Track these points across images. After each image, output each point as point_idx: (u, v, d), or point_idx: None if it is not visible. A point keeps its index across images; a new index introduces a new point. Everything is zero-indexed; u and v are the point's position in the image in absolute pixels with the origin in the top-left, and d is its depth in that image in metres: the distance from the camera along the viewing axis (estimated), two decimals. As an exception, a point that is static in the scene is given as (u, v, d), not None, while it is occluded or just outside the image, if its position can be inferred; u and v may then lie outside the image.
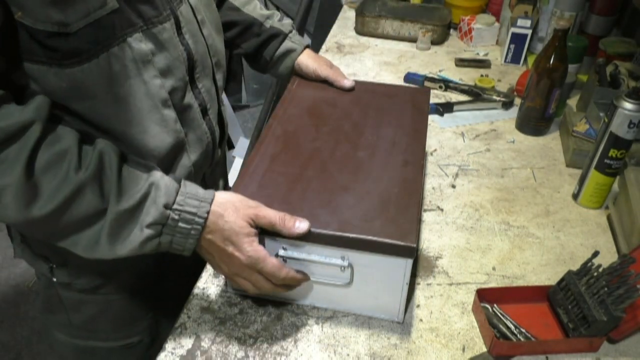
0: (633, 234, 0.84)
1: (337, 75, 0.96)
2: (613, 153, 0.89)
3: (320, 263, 0.69)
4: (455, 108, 1.26)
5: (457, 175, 1.05)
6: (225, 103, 0.93)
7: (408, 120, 0.87)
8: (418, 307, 0.77)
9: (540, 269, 0.84)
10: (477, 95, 1.29)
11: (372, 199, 0.71)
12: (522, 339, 0.72)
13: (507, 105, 1.26)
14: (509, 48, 1.46)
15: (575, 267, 0.75)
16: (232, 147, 2.40)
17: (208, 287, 0.79)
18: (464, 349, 0.72)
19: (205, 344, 0.71)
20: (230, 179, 1.03)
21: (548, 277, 0.83)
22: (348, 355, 0.70)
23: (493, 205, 0.97)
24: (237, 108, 2.75)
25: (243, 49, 0.98)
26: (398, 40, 1.61)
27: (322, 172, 0.75)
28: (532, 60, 1.30)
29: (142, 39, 0.64)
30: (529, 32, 1.41)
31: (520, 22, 1.41)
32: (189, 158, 0.77)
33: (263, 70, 1.02)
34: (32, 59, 0.58)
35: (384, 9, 1.71)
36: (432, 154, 1.11)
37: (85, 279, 0.80)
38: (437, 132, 1.18)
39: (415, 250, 0.65)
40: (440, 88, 1.34)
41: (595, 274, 0.72)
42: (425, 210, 0.95)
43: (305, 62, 0.98)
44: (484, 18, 1.57)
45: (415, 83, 1.36)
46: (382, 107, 0.91)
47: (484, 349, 0.72)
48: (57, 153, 0.57)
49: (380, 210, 0.69)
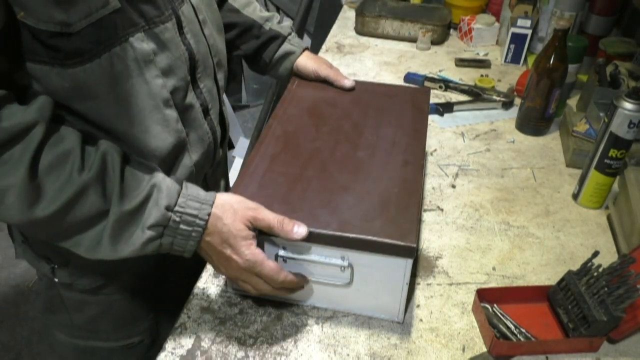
0: (633, 234, 0.84)
1: (337, 75, 0.96)
2: (613, 153, 0.89)
3: (320, 263, 0.69)
4: (455, 108, 1.26)
5: (457, 175, 1.05)
6: (226, 103, 0.93)
7: (408, 120, 0.87)
8: (418, 307, 0.77)
9: (540, 269, 0.84)
10: (477, 95, 1.29)
11: (372, 199, 0.71)
12: (522, 339, 0.72)
13: (507, 105, 1.26)
14: (509, 48, 1.46)
15: (575, 267, 0.75)
16: (232, 147, 2.40)
17: (208, 287, 0.79)
18: (464, 349, 0.72)
19: (205, 344, 0.71)
20: (231, 179, 1.03)
21: (548, 277, 0.83)
22: (348, 355, 0.70)
23: (493, 205, 0.97)
24: (237, 108, 2.75)
25: (242, 51, 0.99)
26: (398, 40, 1.61)
27: (322, 172, 0.75)
28: (532, 60, 1.30)
29: (144, 39, 0.64)
30: (529, 32, 1.41)
31: (520, 22, 1.41)
32: (191, 158, 0.77)
33: (262, 72, 1.03)
34: (34, 59, 0.58)
35: (384, 9, 1.71)
36: (432, 154, 1.11)
37: (87, 280, 0.80)
38: (437, 132, 1.18)
39: (415, 250, 0.65)
40: (440, 88, 1.34)
41: (595, 274, 0.72)
42: (425, 210, 0.95)
43: (305, 63, 0.98)
44: (484, 18, 1.57)
45: (415, 83, 1.36)
46: (382, 107, 0.91)
47: (484, 349, 0.72)
48: (60, 154, 0.57)
49: (380, 210, 0.69)
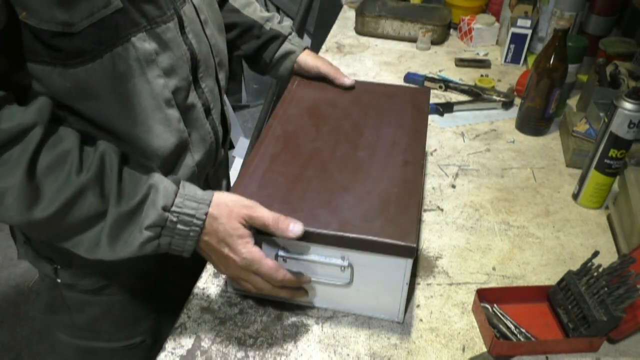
0: (633, 234, 0.84)
1: (337, 73, 0.96)
2: (613, 153, 0.89)
3: (320, 263, 0.69)
4: (455, 108, 1.26)
5: (457, 175, 1.05)
6: (227, 103, 0.93)
7: (408, 120, 0.87)
8: (418, 307, 0.77)
9: (540, 269, 0.84)
10: (477, 95, 1.29)
11: (372, 199, 0.71)
12: (522, 339, 0.72)
13: (507, 105, 1.26)
14: (509, 48, 1.46)
15: (575, 267, 0.75)
16: (232, 147, 2.40)
17: (208, 287, 0.79)
18: (464, 349, 0.72)
19: (205, 344, 0.71)
20: (231, 179, 1.03)
21: (548, 277, 0.83)
22: (348, 355, 0.70)
23: (493, 205, 0.97)
24: (237, 108, 2.75)
25: (243, 51, 0.99)
26: (398, 40, 1.61)
27: (322, 172, 0.75)
28: (532, 60, 1.30)
29: (145, 39, 0.64)
30: (529, 32, 1.41)
31: (520, 22, 1.41)
32: (193, 158, 0.77)
33: (262, 72, 1.03)
34: (36, 60, 0.58)
35: (384, 9, 1.71)
36: (432, 154, 1.11)
37: (89, 280, 0.80)
38: (437, 132, 1.18)
39: (415, 250, 0.65)
40: (440, 88, 1.34)
41: (595, 274, 0.72)
42: (425, 210, 0.95)
43: (305, 59, 0.98)
44: (484, 18, 1.57)
45: (415, 83, 1.36)
46: (382, 107, 0.91)
47: (484, 349, 0.72)
48: (58, 155, 0.57)
49: (380, 210, 0.69)
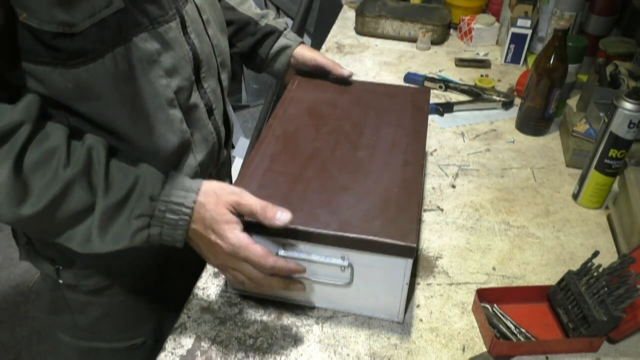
0: (633, 234, 0.84)
1: (335, 65, 0.96)
2: (613, 153, 0.89)
3: (320, 263, 0.69)
4: (455, 108, 1.26)
5: (457, 175, 1.05)
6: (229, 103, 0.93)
7: (408, 120, 0.87)
8: (418, 307, 0.77)
9: (540, 269, 0.84)
10: (477, 95, 1.29)
11: (372, 199, 0.71)
12: (522, 339, 0.72)
13: (507, 105, 1.26)
14: (509, 48, 1.46)
15: (575, 267, 0.75)
16: (232, 147, 2.40)
17: (208, 287, 0.79)
18: (464, 349, 0.72)
19: (205, 344, 0.71)
20: (232, 180, 1.03)
21: (548, 277, 0.83)
22: (348, 355, 0.70)
23: (493, 205, 0.97)
24: (237, 108, 2.75)
25: (238, 48, 0.98)
26: (398, 40, 1.61)
27: (322, 172, 0.75)
28: (532, 60, 1.30)
29: (147, 39, 0.63)
30: (529, 32, 1.41)
31: (520, 22, 1.41)
32: (195, 158, 0.77)
33: (259, 70, 1.02)
34: (36, 60, 0.58)
35: (384, 9, 1.71)
36: (432, 154, 1.11)
37: (91, 281, 0.80)
38: (437, 132, 1.18)
39: (415, 250, 0.65)
40: (440, 88, 1.34)
41: (595, 274, 0.72)
42: (425, 210, 0.95)
43: (302, 52, 0.98)
44: (484, 18, 1.57)
45: (415, 83, 1.36)
46: (382, 107, 0.91)
47: (484, 349, 0.72)
48: (45, 151, 0.57)
49: (380, 210, 0.69)
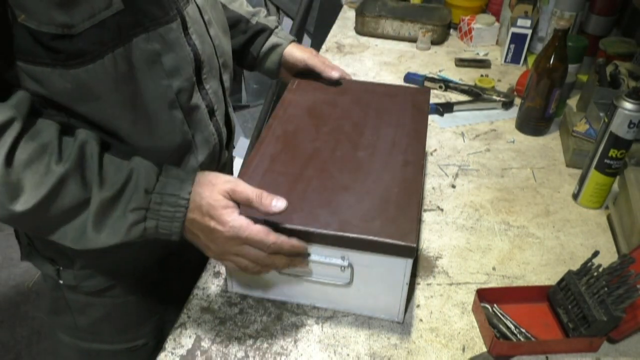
0: (633, 234, 0.84)
1: (324, 66, 0.95)
2: (613, 153, 0.89)
3: (320, 263, 0.69)
4: (455, 108, 1.26)
5: (457, 175, 1.05)
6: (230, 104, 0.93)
7: (408, 120, 0.87)
8: (418, 307, 0.77)
9: (540, 269, 0.84)
10: (477, 95, 1.29)
11: (372, 199, 0.71)
12: (522, 339, 0.72)
13: (507, 105, 1.26)
14: (509, 48, 1.46)
15: (575, 267, 0.75)
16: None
17: (208, 287, 0.79)
18: (464, 349, 0.72)
19: (205, 344, 0.71)
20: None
21: (548, 277, 0.83)
22: (348, 355, 0.70)
23: (493, 205, 0.97)
24: (237, 108, 2.75)
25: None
26: (398, 40, 1.61)
27: (322, 172, 0.75)
28: (532, 60, 1.30)
29: (148, 40, 0.63)
30: (529, 32, 1.41)
31: (520, 22, 1.41)
32: (197, 159, 0.76)
33: (250, 68, 1.01)
34: (35, 61, 0.58)
35: (384, 9, 1.71)
36: (432, 154, 1.11)
37: (92, 282, 0.80)
38: (437, 132, 1.18)
39: (415, 250, 0.65)
40: (440, 88, 1.34)
41: (595, 274, 0.72)
42: (425, 210, 0.95)
43: (292, 52, 0.97)
44: (484, 18, 1.57)
45: (415, 83, 1.36)
46: (382, 107, 0.91)
47: (484, 349, 0.72)
48: (37, 147, 0.57)
49: (380, 210, 0.69)
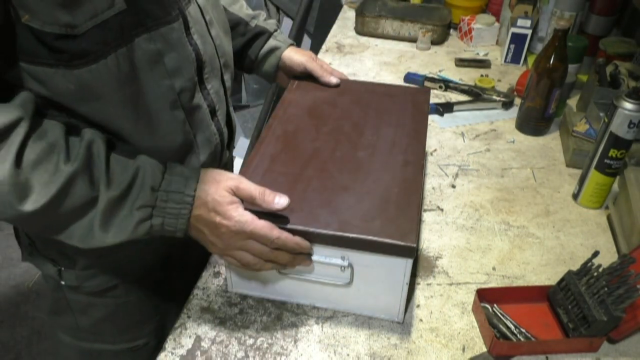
0: (633, 234, 0.84)
1: (323, 71, 0.95)
2: (613, 153, 0.89)
3: (320, 263, 0.69)
4: (455, 108, 1.26)
5: (457, 175, 1.05)
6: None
7: (408, 120, 0.87)
8: (418, 307, 0.77)
9: (540, 269, 0.84)
10: (477, 95, 1.29)
11: (372, 199, 0.71)
12: (522, 339, 0.72)
13: (507, 105, 1.26)
14: (509, 48, 1.46)
15: (575, 267, 0.75)
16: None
17: (208, 287, 0.79)
18: (464, 349, 0.72)
19: (205, 344, 0.71)
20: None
21: (548, 277, 0.83)
22: (348, 355, 0.70)
23: (493, 205, 0.97)
24: (237, 108, 2.75)
25: None
26: (398, 40, 1.61)
27: (322, 172, 0.75)
28: (532, 60, 1.30)
29: (150, 40, 0.63)
30: (529, 32, 1.41)
31: (520, 22, 1.41)
32: (198, 159, 0.76)
33: (248, 70, 1.01)
34: (38, 62, 0.58)
35: (384, 9, 1.71)
36: (432, 154, 1.11)
37: (93, 282, 0.80)
38: (437, 132, 1.18)
39: (415, 250, 0.65)
40: (440, 88, 1.34)
41: (595, 274, 0.72)
42: (425, 210, 0.95)
43: (290, 55, 0.97)
44: (484, 18, 1.57)
45: (415, 83, 1.36)
46: (382, 107, 0.91)
47: (484, 349, 0.72)
48: (45, 147, 0.58)
49: (380, 210, 0.69)
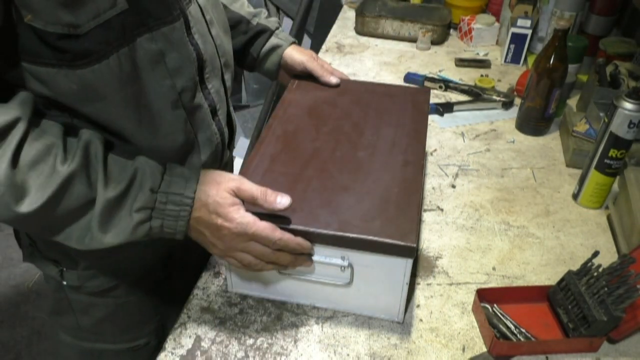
0: (633, 234, 0.84)
1: (323, 71, 0.96)
2: (613, 153, 0.89)
3: (320, 263, 0.69)
4: (455, 108, 1.26)
5: (457, 175, 1.05)
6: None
7: (408, 120, 0.87)
8: (418, 307, 0.77)
9: (540, 269, 0.84)
10: (477, 95, 1.29)
11: (372, 199, 0.71)
12: (522, 339, 0.72)
13: (507, 105, 1.26)
14: (509, 48, 1.46)
15: (575, 267, 0.75)
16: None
17: (208, 287, 0.79)
18: (464, 349, 0.72)
19: (205, 344, 0.71)
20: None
21: (548, 277, 0.83)
22: (348, 355, 0.70)
23: (493, 205, 0.97)
24: (237, 108, 2.75)
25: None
26: (398, 40, 1.61)
27: (322, 172, 0.75)
28: (532, 60, 1.30)
29: (151, 39, 0.63)
30: (529, 32, 1.41)
31: (520, 22, 1.41)
32: (199, 159, 0.76)
33: (250, 69, 1.02)
34: (40, 62, 0.58)
35: (384, 9, 1.71)
36: (432, 154, 1.11)
37: (95, 282, 0.80)
38: (437, 132, 1.18)
39: (415, 250, 0.65)
40: (440, 88, 1.34)
41: (595, 274, 0.72)
42: (425, 210, 0.95)
43: (291, 54, 0.97)
44: (484, 18, 1.57)
45: (415, 83, 1.36)
46: (382, 107, 0.91)
47: (484, 349, 0.72)
48: (42, 148, 0.57)
49: (380, 210, 0.69)
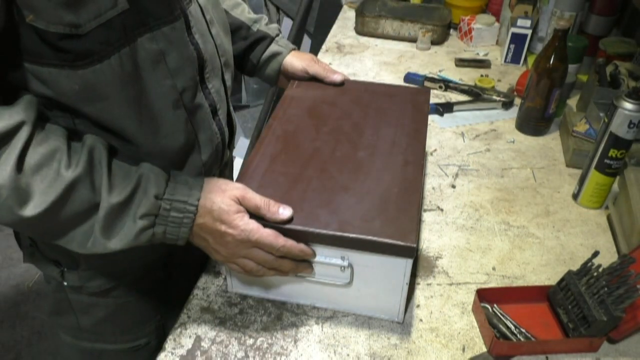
0: (633, 234, 0.84)
1: (326, 72, 0.96)
2: (613, 153, 0.89)
3: (320, 263, 0.69)
4: (455, 108, 1.26)
5: (457, 175, 1.05)
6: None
7: (408, 120, 0.87)
8: (418, 307, 0.77)
9: (540, 269, 0.84)
10: (477, 95, 1.29)
11: (372, 199, 0.71)
12: (522, 339, 0.73)
13: (507, 105, 1.26)
14: (509, 48, 1.46)
15: (575, 267, 0.75)
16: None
17: (208, 287, 0.79)
18: (464, 349, 0.72)
19: (205, 344, 0.71)
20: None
21: (548, 277, 0.83)
22: (348, 355, 0.70)
23: (493, 205, 0.97)
24: (237, 108, 2.75)
25: None
26: (398, 40, 1.61)
27: (322, 172, 0.75)
28: (532, 60, 1.30)
29: (152, 39, 0.63)
30: (529, 32, 1.41)
31: (520, 22, 1.41)
32: (200, 159, 0.77)
33: (250, 74, 1.02)
34: (42, 62, 0.58)
35: (384, 9, 1.71)
36: (432, 154, 1.11)
37: (96, 282, 0.80)
38: (437, 132, 1.18)
39: (415, 250, 0.65)
40: (440, 88, 1.34)
41: (595, 274, 0.72)
42: (425, 210, 0.95)
43: (292, 62, 0.98)
44: (484, 18, 1.57)
45: (415, 83, 1.36)
46: (382, 107, 0.91)
47: (484, 349, 0.72)
48: (46, 152, 0.57)
49: (380, 210, 0.69)
